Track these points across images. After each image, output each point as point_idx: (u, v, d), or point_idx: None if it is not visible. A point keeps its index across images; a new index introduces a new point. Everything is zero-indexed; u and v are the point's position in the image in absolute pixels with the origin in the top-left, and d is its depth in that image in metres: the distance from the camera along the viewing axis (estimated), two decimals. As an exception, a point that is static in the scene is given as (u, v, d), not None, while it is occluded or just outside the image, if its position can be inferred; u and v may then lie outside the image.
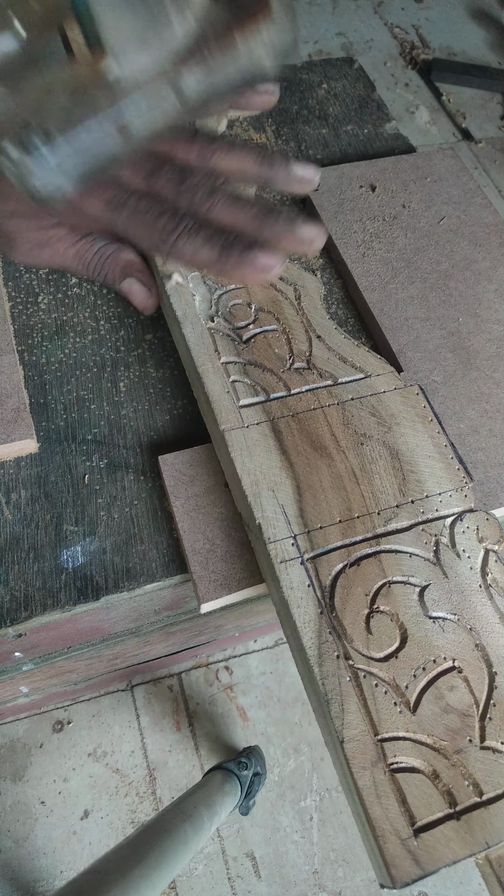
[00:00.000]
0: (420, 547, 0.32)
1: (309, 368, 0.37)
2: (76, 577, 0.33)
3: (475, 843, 0.25)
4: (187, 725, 1.06)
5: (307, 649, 0.28)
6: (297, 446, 0.34)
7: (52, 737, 1.04)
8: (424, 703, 0.28)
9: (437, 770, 0.26)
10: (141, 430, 0.38)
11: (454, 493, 0.33)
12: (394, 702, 0.28)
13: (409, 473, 0.34)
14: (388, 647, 0.29)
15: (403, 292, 0.43)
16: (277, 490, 0.32)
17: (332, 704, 0.27)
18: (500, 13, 0.68)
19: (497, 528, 0.33)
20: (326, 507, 0.32)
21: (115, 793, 1.01)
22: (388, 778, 0.26)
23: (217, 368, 0.36)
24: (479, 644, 0.29)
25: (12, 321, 0.41)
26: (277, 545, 0.31)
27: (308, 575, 0.30)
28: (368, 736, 0.27)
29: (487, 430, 0.38)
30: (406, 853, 0.24)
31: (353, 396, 0.36)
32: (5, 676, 0.53)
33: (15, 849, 0.97)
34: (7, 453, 0.36)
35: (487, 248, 0.46)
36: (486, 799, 0.26)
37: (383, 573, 0.31)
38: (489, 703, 0.28)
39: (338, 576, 0.30)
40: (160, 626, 0.50)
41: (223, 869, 0.97)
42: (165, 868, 0.64)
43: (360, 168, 0.50)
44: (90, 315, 0.42)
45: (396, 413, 0.36)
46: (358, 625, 0.29)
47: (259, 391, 0.35)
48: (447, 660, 0.29)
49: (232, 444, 0.33)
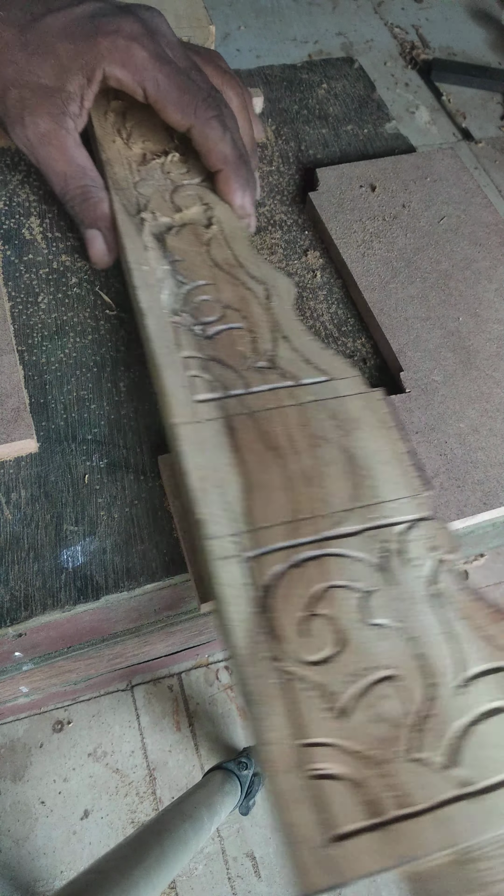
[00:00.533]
0: (367, 552, 0.31)
1: (271, 368, 0.36)
2: (76, 577, 0.33)
3: (393, 857, 0.24)
4: (187, 725, 1.06)
5: (237, 649, 0.27)
6: (251, 445, 0.33)
7: (52, 737, 1.04)
8: (355, 710, 0.27)
9: (360, 779, 0.25)
10: (141, 430, 0.38)
11: (409, 500, 0.33)
12: (323, 707, 0.27)
13: (364, 478, 0.33)
14: (323, 651, 0.28)
15: (403, 292, 0.43)
16: (225, 487, 0.31)
17: (256, 706, 0.26)
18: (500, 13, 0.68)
19: (450, 538, 0.32)
20: (274, 507, 0.31)
21: (115, 793, 1.01)
22: (308, 784, 0.25)
23: (176, 362, 0.35)
24: (419, 654, 0.28)
25: (12, 321, 0.41)
26: (218, 542, 0.30)
27: (246, 574, 0.29)
28: (291, 740, 0.26)
29: (488, 430, 0.38)
30: (319, 862, 0.23)
31: (314, 398, 0.35)
32: (5, 676, 0.53)
33: (15, 849, 0.97)
34: (7, 453, 0.36)
35: (487, 247, 0.46)
36: (410, 812, 0.25)
37: (326, 577, 0.30)
38: (423, 714, 0.27)
39: (277, 576, 0.30)
40: (160, 626, 0.50)
41: (223, 869, 0.97)
42: (165, 868, 0.64)
43: (360, 168, 0.50)
44: (90, 315, 0.42)
45: (357, 417, 0.35)
46: (293, 627, 0.28)
47: (217, 387, 0.35)
48: (384, 668, 0.28)
49: (183, 438, 0.32)
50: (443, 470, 0.37)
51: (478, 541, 0.50)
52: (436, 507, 0.36)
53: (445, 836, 0.24)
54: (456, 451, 0.37)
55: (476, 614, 0.30)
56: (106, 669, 0.73)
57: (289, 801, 0.25)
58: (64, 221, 0.45)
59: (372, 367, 0.42)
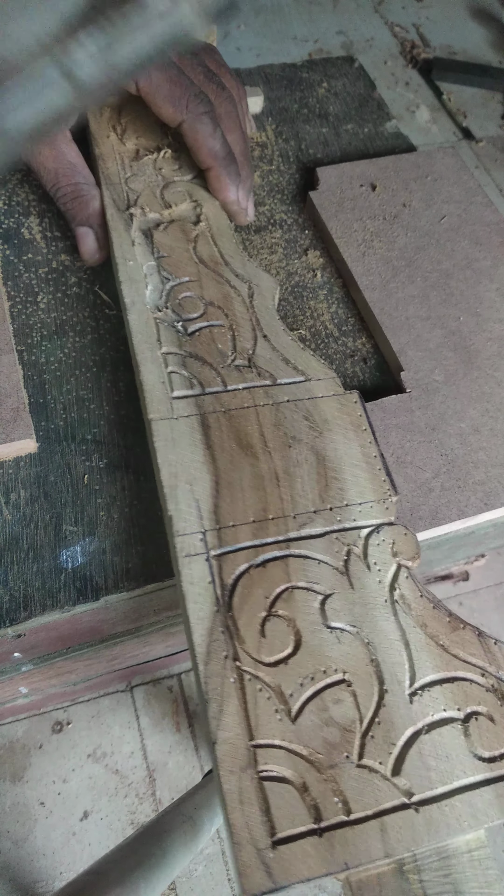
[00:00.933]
0: (330, 555, 0.31)
1: (249, 367, 0.36)
2: (76, 578, 0.33)
3: (334, 863, 0.24)
4: (187, 726, 1.06)
5: (196, 646, 0.27)
6: (224, 443, 0.33)
7: (52, 738, 1.03)
8: (306, 713, 0.27)
9: (307, 783, 0.25)
10: (141, 430, 0.38)
11: (375, 504, 0.33)
12: (275, 709, 0.27)
13: (333, 480, 0.33)
14: (280, 652, 0.28)
15: (404, 291, 0.43)
16: (195, 484, 0.31)
17: (211, 704, 0.26)
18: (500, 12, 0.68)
19: (413, 545, 0.32)
20: (242, 506, 0.31)
21: (114, 794, 1.01)
22: (255, 785, 0.25)
23: (156, 358, 0.35)
24: (374, 659, 0.28)
25: (11, 320, 0.41)
26: (185, 539, 0.30)
27: (210, 572, 0.29)
28: (242, 740, 0.26)
29: (489, 430, 0.38)
30: (259, 864, 0.23)
31: (289, 398, 0.35)
32: (4, 677, 0.53)
33: (14, 850, 0.96)
34: (6, 453, 0.36)
35: (488, 246, 0.46)
36: (354, 819, 0.25)
37: (288, 578, 0.30)
38: (374, 720, 0.27)
39: (241, 576, 0.30)
40: (160, 626, 0.50)
41: (223, 870, 0.97)
42: (165, 869, 0.64)
43: (361, 167, 0.49)
44: (90, 315, 0.42)
45: (330, 419, 0.35)
46: (252, 627, 0.28)
47: (195, 384, 0.35)
48: (338, 672, 0.28)
49: (157, 433, 0.33)
50: (444, 470, 0.36)
51: (478, 541, 0.50)
52: (436, 509, 0.35)
53: (386, 846, 0.24)
54: (457, 451, 0.37)
55: (433, 622, 0.30)
56: (105, 670, 0.73)
57: (235, 801, 0.25)
58: (63, 221, 0.45)
59: (372, 367, 0.42)
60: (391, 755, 0.26)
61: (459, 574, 1.15)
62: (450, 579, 1.05)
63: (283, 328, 0.38)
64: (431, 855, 0.26)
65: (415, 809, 0.25)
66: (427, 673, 0.28)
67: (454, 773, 0.26)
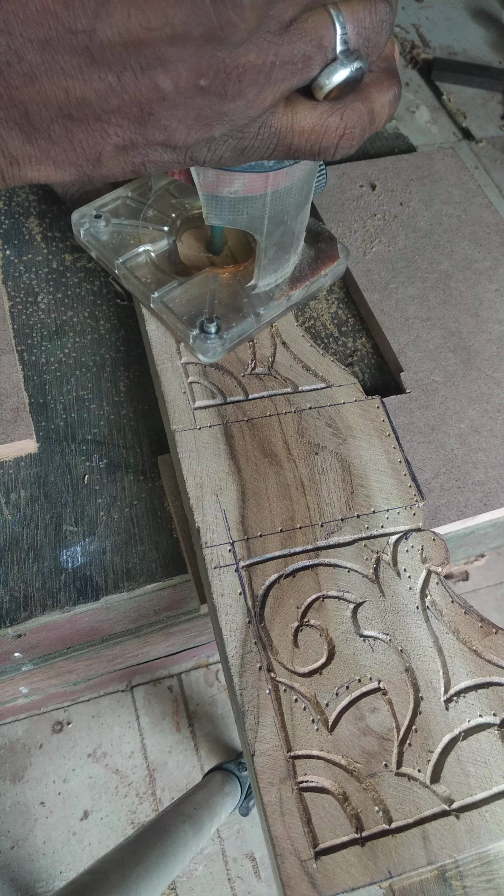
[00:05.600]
0: (360, 563, 0.31)
1: (270, 374, 0.36)
2: (76, 578, 0.33)
3: (377, 872, 0.24)
4: (187, 726, 1.06)
5: (230, 658, 0.28)
6: (248, 452, 0.33)
7: (52, 737, 1.03)
8: (343, 722, 0.27)
9: (347, 792, 0.25)
10: (141, 430, 0.38)
11: (403, 510, 0.33)
12: (312, 719, 0.27)
13: (359, 487, 0.33)
14: (314, 662, 0.28)
15: (404, 292, 0.43)
16: (221, 495, 0.31)
17: (247, 716, 0.26)
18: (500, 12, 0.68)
19: (442, 550, 0.32)
20: (269, 515, 0.31)
21: (114, 793, 1.01)
22: (296, 796, 0.25)
23: (176, 368, 0.35)
24: (408, 667, 0.28)
25: (12, 321, 0.41)
26: (214, 550, 0.30)
27: (241, 583, 0.29)
28: (281, 752, 0.26)
29: (488, 430, 0.38)
30: (304, 875, 0.23)
31: (312, 405, 0.35)
32: (5, 677, 0.53)
33: (14, 850, 0.96)
34: (6, 453, 0.36)
35: (488, 247, 0.46)
36: (395, 827, 0.25)
37: (318, 587, 0.30)
38: (411, 728, 0.27)
39: (271, 586, 0.30)
40: (160, 626, 0.50)
41: (223, 870, 0.97)
42: (165, 869, 0.64)
43: (361, 167, 0.49)
44: (90, 315, 0.42)
45: (353, 425, 0.35)
46: (285, 637, 0.28)
47: (216, 394, 0.35)
48: (373, 680, 0.28)
49: (181, 444, 0.33)
50: (443, 470, 0.37)
51: (478, 541, 0.50)
52: (436, 509, 0.35)
53: (429, 853, 0.25)
54: (456, 452, 0.37)
55: (465, 628, 0.30)
56: (105, 670, 0.73)
57: (276, 812, 0.25)
58: (63, 221, 0.45)
59: (372, 367, 0.42)
60: (429, 762, 0.26)
61: (459, 574, 1.15)
62: (450, 579, 1.05)
63: (301, 334, 0.38)
64: (473, 860, 0.26)
65: (455, 816, 0.25)
66: (461, 679, 0.28)
67: (493, 778, 0.26)
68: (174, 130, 0.20)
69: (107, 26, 0.17)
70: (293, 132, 0.22)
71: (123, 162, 0.21)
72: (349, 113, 0.22)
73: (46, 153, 0.20)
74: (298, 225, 0.34)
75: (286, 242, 0.34)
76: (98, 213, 0.37)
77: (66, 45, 0.17)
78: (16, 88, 0.18)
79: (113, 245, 0.37)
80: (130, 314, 0.42)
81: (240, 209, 0.29)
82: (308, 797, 0.25)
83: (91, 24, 0.17)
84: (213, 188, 0.28)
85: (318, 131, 0.22)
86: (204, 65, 0.18)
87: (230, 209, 0.29)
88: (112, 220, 0.37)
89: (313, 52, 0.20)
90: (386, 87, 0.23)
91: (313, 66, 0.20)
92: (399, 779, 0.26)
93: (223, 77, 0.19)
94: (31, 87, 0.18)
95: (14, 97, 0.18)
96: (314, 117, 0.22)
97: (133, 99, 0.19)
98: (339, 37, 0.20)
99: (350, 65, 0.20)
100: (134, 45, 0.18)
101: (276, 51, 0.19)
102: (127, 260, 0.36)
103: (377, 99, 0.23)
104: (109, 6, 0.17)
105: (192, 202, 0.39)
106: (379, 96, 0.23)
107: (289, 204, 0.31)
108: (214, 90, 0.19)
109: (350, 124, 0.22)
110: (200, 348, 0.34)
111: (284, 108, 0.21)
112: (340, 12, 0.20)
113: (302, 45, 0.19)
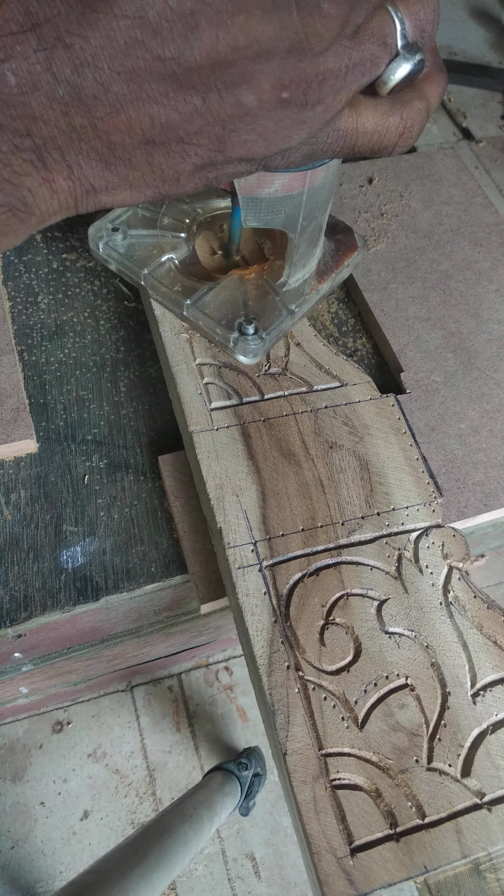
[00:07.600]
0: (382, 560, 0.31)
1: (284, 374, 0.36)
2: (76, 578, 0.33)
3: (413, 867, 0.24)
4: (187, 726, 1.06)
5: (257, 658, 0.28)
6: (266, 452, 0.33)
7: (52, 737, 1.03)
8: (373, 719, 0.27)
9: (379, 789, 0.25)
10: (141, 430, 0.38)
11: (422, 507, 0.33)
12: (342, 716, 0.27)
13: (378, 485, 0.33)
14: (341, 660, 0.28)
15: (404, 292, 0.43)
16: (241, 495, 0.32)
17: (277, 715, 0.26)
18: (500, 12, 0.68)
19: (463, 546, 0.32)
20: (290, 514, 0.32)
21: (114, 793, 1.01)
22: (329, 794, 0.25)
23: (191, 369, 0.35)
24: (434, 663, 0.29)
25: (12, 321, 0.41)
26: (237, 551, 0.30)
27: (265, 582, 0.30)
28: (312, 750, 0.26)
29: (488, 431, 0.38)
30: (340, 872, 0.24)
31: (327, 404, 0.35)
32: (5, 677, 0.53)
33: (14, 850, 0.96)
34: (7, 453, 0.36)
35: (488, 248, 0.46)
36: (429, 822, 0.25)
37: (342, 585, 0.30)
38: (440, 723, 0.27)
39: (295, 585, 0.30)
40: (160, 626, 0.50)
41: (223, 870, 0.97)
42: (165, 869, 0.64)
43: (361, 167, 0.49)
44: (90, 315, 0.42)
45: (370, 423, 0.35)
46: (312, 636, 0.29)
47: (232, 394, 0.35)
48: (400, 677, 0.28)
49: (199, 446, 0.33)
50: (443, 471, 0.37)
51: (478, 541, 0.50)
52: (436, 507, 0.35)
53: (463, 846, 0.25)
54: (456, 452, 0.37)
55: (489, 623, 0.30)
56: (106, 670, 0.73)
57: (311, 811, 0.25)
58: (64, 222, 0.45)
59: (372, 368, 0.42)
60: (460, 757, 0.27)
61: (459, 574, 1.15)
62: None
63: (314, 334, 0.38)
64: None
65: (487, 809, 0.26)
66: (487, 673, 0.29)
67: None
68: (253, 144, 0.20)
69: (195, 51, 0.17)
70: (357, 133, 0.22)
71: (198, 178, 0.21)
72: (408, 111, 0.23)
73: (125, 178, 0.20)
74: (325, 219, 0.34)
75: (315, 237, 0.35)
76: (115, 227, 0.37)
77: (153, 73, 0.17)
78: (100, 119, 0.18)
79: (135, 257, 0.37)
80: (130, 314, 0.42)
81: (277, 209, 0.30)
82: (341, 794, 0.25)
83: (179, 50, 0.17)
84: (252, 190, 0.28)
85: (381, 131, 0.23)
86: (286, 77, 0.19)
87: (268, 209, 0.30)
88: (129, 232, 0.37)
89: (380, 50, 0.20)
90: (437, 81, 0.24)
91: (380, 63, 0.21)
92: (430, 774, 0.26)
93: (304, 87, 0.19)
94: (116, 118, 0.18)
95: (98, 128, 0.18)
96: (376, 117, 0.22)
97: (216, 118, 0.19)
98: (399, 32, 0.20)
99: (412, 58, 0.21)
100: (221, 66, 0.18)
101: (350, 54, 0.20)
102: (153, 270, 0.36)
103: (431, 93, 0.24)
104: (198, 31, 0.17)
105: (203, 206, 0.39)
106: (431, 90, 0.24)
107: (321, 199, 0.31)
108: (296, 100, 0.19)
109: (409, 123, 0.23)
110: (242, 350, 0.35)
111: (349, 110, 0.22)
112: (398, 8, 0.20)
113: (370, 46, 0.20)
